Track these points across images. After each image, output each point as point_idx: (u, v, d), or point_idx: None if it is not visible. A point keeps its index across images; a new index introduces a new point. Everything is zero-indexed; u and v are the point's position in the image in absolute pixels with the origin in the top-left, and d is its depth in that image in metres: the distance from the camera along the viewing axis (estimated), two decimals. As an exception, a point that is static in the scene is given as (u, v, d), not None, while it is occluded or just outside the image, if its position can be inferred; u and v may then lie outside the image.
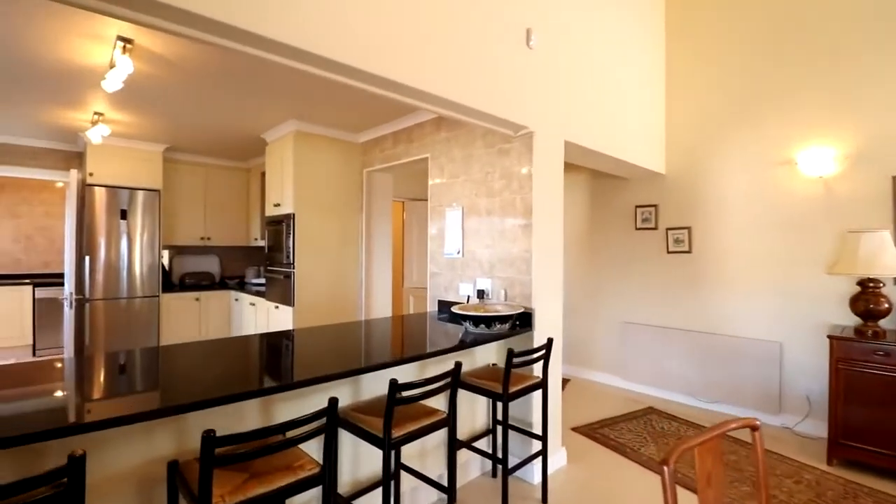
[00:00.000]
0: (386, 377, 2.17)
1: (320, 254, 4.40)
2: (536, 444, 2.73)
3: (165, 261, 5.67)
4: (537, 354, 2.38)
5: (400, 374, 2.26)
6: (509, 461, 2.47)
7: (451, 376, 1.92)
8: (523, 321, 2.75)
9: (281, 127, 4.36)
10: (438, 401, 2.30)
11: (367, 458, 2.17)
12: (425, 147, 3.77)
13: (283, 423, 1.33)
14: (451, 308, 2.72)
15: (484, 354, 2.80)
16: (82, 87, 3.26)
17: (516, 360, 2.24)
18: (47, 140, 4.89)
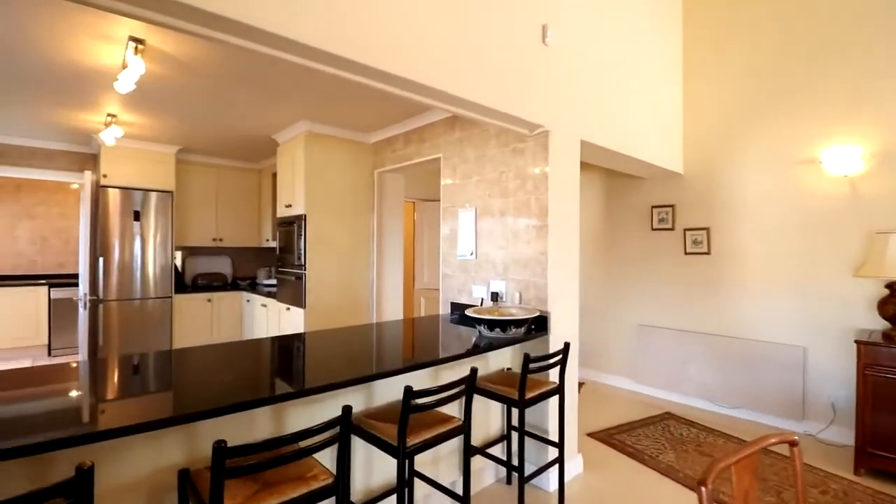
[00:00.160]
0: (399, 382, 2.13)
1: (331, 255, 4.37)
2: (552, 451, 2.67)
3: (178, 262, 5.70)
4: (554, 360, 2.32)
5: (413, 379, 2.21)
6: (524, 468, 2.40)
7: (467, 383, 1.87)
8: (538, 325, 2.69)
9: (292, 128, 4.34)
10: (452, 407, 2.24)
11: (380, 465, 2.12)
12: (437, 147, 3.73)
13: (296, 433, 1.29)
14: (465, 311, 2.66)
15: (498, 359, 2.74)
16: (95, 89, 3.27)
17: (532, 366, 2.18)
18: (62, 142, 4.93)
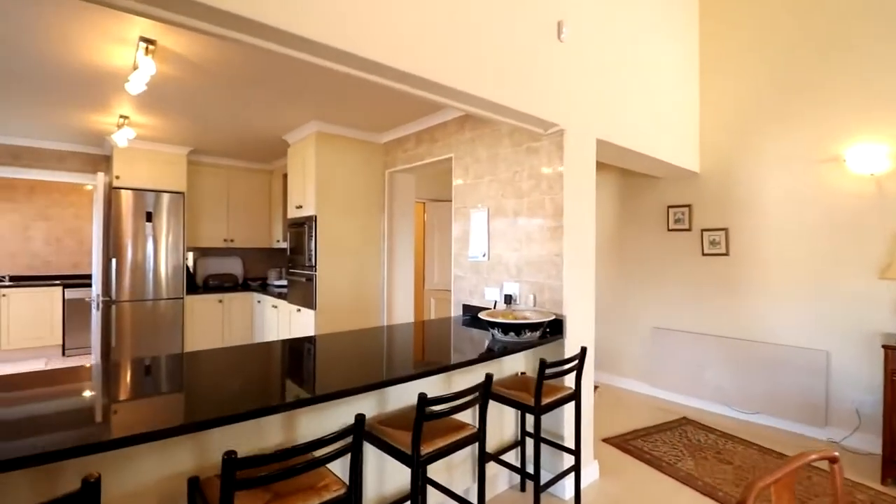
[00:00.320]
0: (412, 387, 2.09)
1: (342, 256, 4.34)
2: (567, 458, 2.60)
3: (190, 262, 5.72)
4: (570, 365, 2.25)
5: (426, 384, 2.16)
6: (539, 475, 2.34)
7: (482, 389, 1.82)
8: (553, 328, 2.63)
9: (303, 128, 4.32)
10: (466, 413, 2.19)
11: (392, 472, 2.08)
12: (449, 147, 3.67)
13: (308, 444, 1.25)
14: (479, 314, 2.61)
15: (511, 363, 2.69)
16: (107, 91, 3.27)
17: (548, 371, 2.12)
18: (75, 144, 4.97)
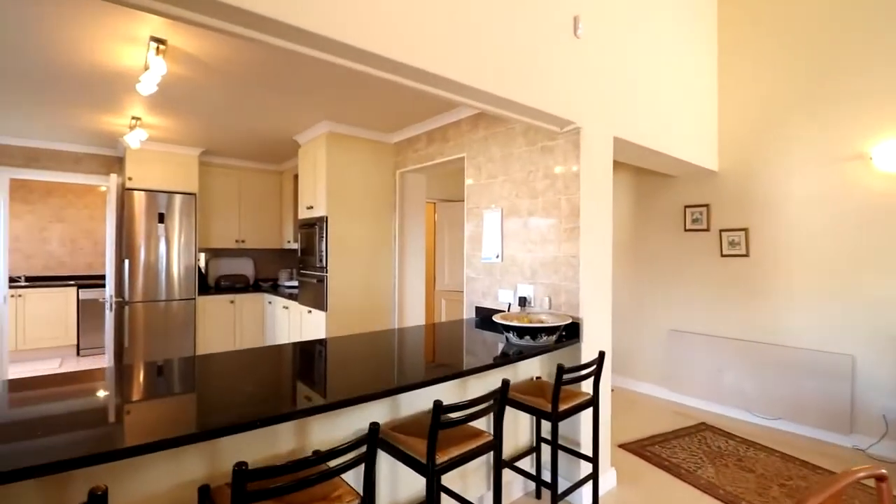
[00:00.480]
0: (425, 392, 2.04)
1: (353, 257, 4.31)
2: (584, 464, 2.54)
3: (202, 263, 5.73)
4: (588, 371, 2.19)
5: (439, 389, 2.11)
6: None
7: (498, 396, 1.76)
8: (570, 332, 2.56)
9: (314, 129, 4.29)
10: (481, 419, 2.13)
11: (406, 478, 2.03)
12: (461, 146, 3.62)
13: (321, 455, 1.20)
14: (493, 317, 2.55)
15: (526, 367, 2.62)
16: (119, 92, 3.27)
17: (566, 377, 2.06)
18: (89, 146, 5.00)
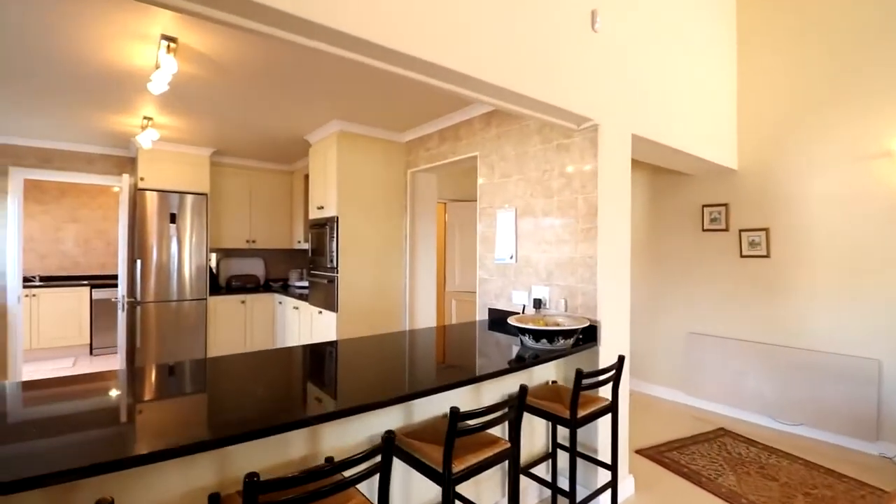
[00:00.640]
0: (439, 397, 1.98)
1: (364, 257, 4.27)
2: (601, 472, 2.46)
3: (213, 263, 5.74)
4: (607, 376, 2.12)
5: (454, 394, 2.05)
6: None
7: (516, 402, 1.70)
8: (587, 335, 2.49)
9: (324, 128, 4.26)
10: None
11: (419, 485, 1.98)
12: (474, 145, 3.56)
13: (335, 465, 1.16)
14: (508, 319, 2.49)
15: (541, 371, 2.56)
16: (130, 91, 3.26)
17: (585, 382, 1.99)
18: (102, 146, 5.02)
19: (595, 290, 2.50)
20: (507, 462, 1.77)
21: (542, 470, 2.57)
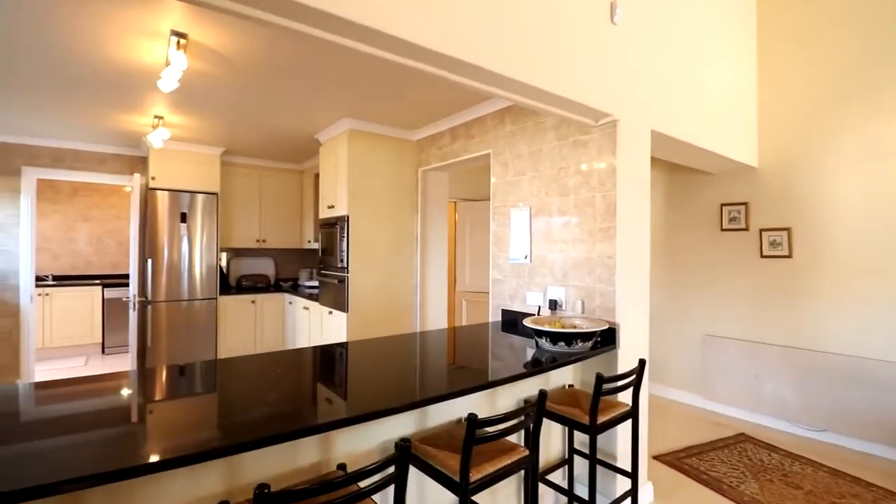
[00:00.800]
0: (454, 401, 1.92)
1: (374, 257, 4.22)
2: (620, 479, 2.39)
3: (223, 263, 5.73)
4: (628, 380, 2.04)
5: (469, 400, 1.99)
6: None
7: (536, 407, 1.63)
8: (605, 338, 2.41)
9: (335, 126, 4.22)
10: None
11: (432, 492, 1.91)
12: (487, 142, 3.49)
13: (349, 476, 1.10)
14: (524, 321, 2.42)
15: (558, 375, 2.48)
16: (141, 90, 3.24)
17: (606, 387, 1.91)
18: (114, 146, 5.03)
19: (613, 291, 2.42)
20: (524, 470, 1.70)
21: (558, 476, 2.50)
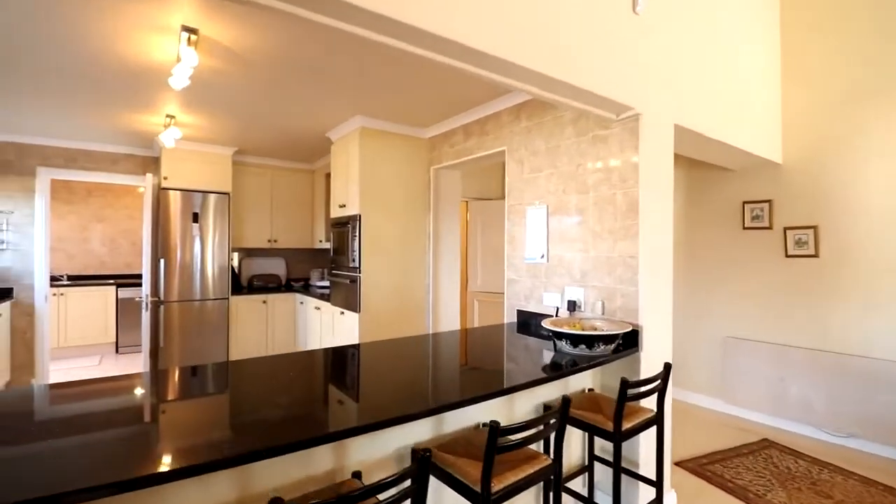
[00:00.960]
0: (470, 407, 1.85)
1: (386, 257, 4.17)
2: (643, 487, 2.30)
3: (235, 263, 5.72)
4: (653, 385, 1.95)
5: (486, 405, 1.92)
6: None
7: (559, 414, 1.56)
8: (626, 341, 2.32)
9: (347, 124, 4.17)
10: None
11: (451, 501, 1.85)
12: (501, 139, 3.41)
13: (366, 489, 1.03)
14: (542, 322, 2.34)
15: (577, 378, 2.40)
16: (152, 88, 3.22)
17: (631, 392, 1.83)
18: (126, 146, 5.04)
19: (636, 292, 2.33)
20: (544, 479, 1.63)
21: (578, 484, 2.42)
